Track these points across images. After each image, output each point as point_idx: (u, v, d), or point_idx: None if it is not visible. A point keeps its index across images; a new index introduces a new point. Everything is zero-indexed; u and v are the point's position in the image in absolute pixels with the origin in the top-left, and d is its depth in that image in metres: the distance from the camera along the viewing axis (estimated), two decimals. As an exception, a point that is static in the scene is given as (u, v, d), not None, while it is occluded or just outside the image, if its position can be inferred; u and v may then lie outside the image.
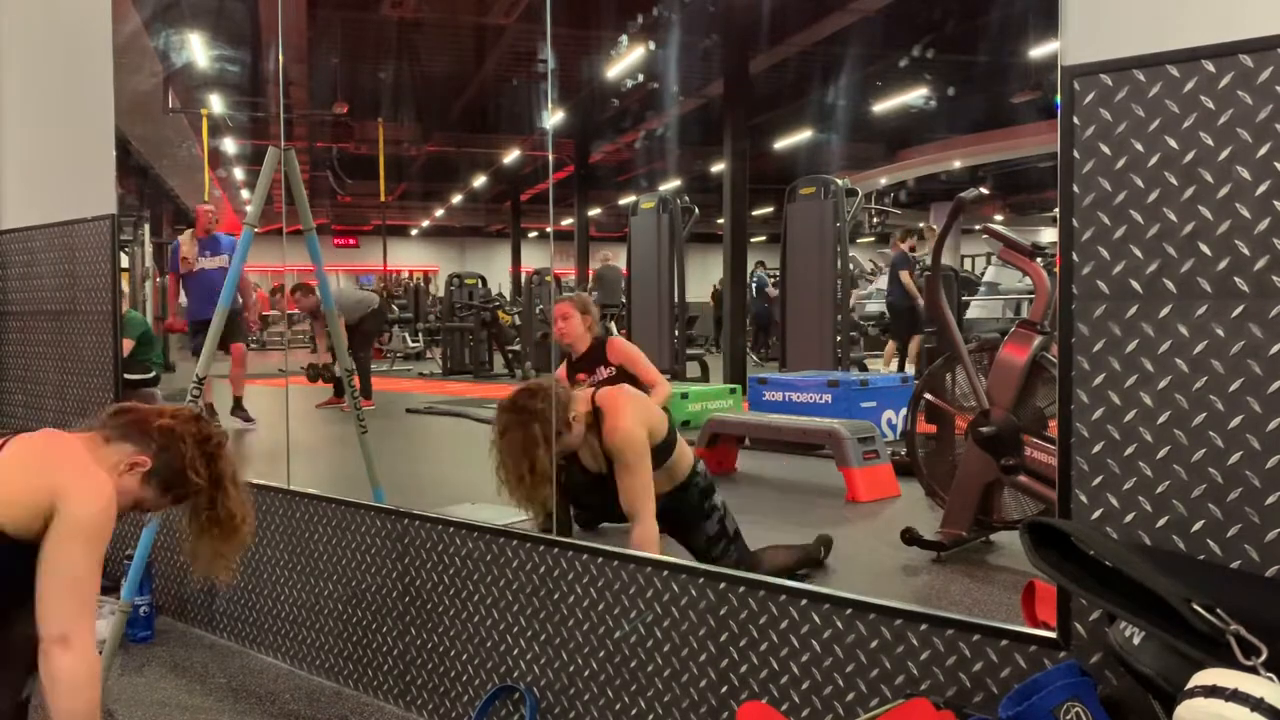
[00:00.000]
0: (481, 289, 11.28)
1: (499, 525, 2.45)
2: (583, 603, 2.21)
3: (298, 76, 10.13)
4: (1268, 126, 1.35)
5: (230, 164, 11.51)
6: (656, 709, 2.08)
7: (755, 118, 11.25)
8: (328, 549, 2.81)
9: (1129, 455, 1.47)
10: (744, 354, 9.39)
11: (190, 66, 7.86)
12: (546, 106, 12.55)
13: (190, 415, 1.96)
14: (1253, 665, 1.07)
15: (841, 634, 1.79)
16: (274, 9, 3.10)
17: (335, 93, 12.12)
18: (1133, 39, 1.47)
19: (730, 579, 1.98)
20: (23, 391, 4.06)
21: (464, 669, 2.47)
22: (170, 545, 3.35)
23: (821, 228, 7.84)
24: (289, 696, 2.70)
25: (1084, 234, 1.51)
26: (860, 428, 4.50)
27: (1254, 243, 1.37)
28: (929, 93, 11.07)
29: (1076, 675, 1.33)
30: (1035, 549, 1.30)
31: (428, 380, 10.46)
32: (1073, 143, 1.52)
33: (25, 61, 4.09)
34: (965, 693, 1.64)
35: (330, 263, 3.19)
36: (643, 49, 10.52)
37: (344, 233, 18.14)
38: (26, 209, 4.04)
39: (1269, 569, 1.35)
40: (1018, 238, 3.68)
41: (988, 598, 3.03)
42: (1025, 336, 3.41)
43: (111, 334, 3.59)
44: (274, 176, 2.80)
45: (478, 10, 10.23)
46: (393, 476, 3.19)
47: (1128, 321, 1.47)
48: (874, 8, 9.55)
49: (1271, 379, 1.35)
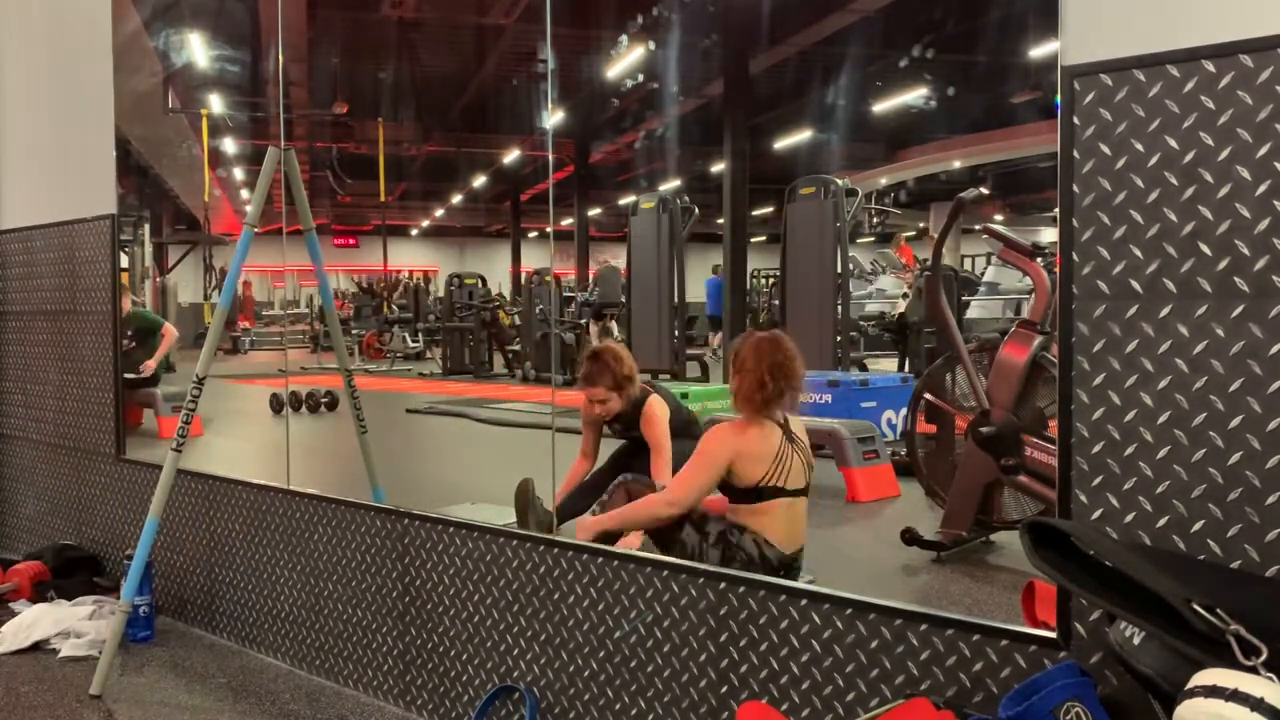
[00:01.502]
0: (481, 289, 11.29)
1: (499, 525, 2.45)
2: (583, 603, 2.21)
3: (298, 76, 10.14)
4: (1268, 126, 1.35)
5: (230, 164, 11.53)
6: (656, 709, 2.08)
7: (755, 118, 11.26)
8: (328, 549, 2.81)
9: (1129, 455, 1.47)
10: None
11: (190, 66, 7.87)
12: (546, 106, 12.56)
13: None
14: (1253, 665, 1.07)
15: (841, 634, 1.79)
16: (274, 9, 3.10)
17: (335, 93, 12.13)
18: (1133, 39, 1.47)
19: (730, 579, 1.98)
20: (22, 392, 4.06)
21: (464, 669, 2.47)
22: (170, 545, 3.35)
23: (821, 228, 7.84)
24: (289, 696, 2.70)
25: (1084, 234, 1.51)
26: (860, 428, 4.50)
27: (1254, 243, 1.37)
28: (929, 93, 11.08)
29: (1076, 675, 1.33)
30: (1035, 549, 1.30)
31: (428, 380, 10.46)
32: (1073, 143, 1.52)
33: (25, 62, 4.09)
34: (965, 693, 1.64)
35: (330, 262, 3.19)
36: (643, 49, 10.52)
37: (344, 233, 18.14)
38: (26, 209, 4.04)
39: (1269, 569, 1.35)
40: (1018, 238, 3.67)
41: (988, 598, 3.03)
42: (1025, 336, 3.41)
43: (111, 334, 3.59)
44: (274, 176, 2.80)
45: (478, 10, 10.24)
46: (393, 476, 3.19)
47: (1128, 321, 1.47)
48: (874, 8, 9.56)
49: (1271, 379, 1.35)
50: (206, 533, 3.21)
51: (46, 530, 3.95)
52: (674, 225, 8.86)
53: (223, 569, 3.15)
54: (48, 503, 3.95)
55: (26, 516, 4.08)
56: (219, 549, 3.17)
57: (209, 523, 3.19)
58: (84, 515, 3.75)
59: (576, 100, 12.28)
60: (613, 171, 15.57)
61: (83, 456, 3.73)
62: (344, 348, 3.23)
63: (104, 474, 3.64)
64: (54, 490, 3.91)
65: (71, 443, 3.79)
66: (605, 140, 14.65)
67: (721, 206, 9.34)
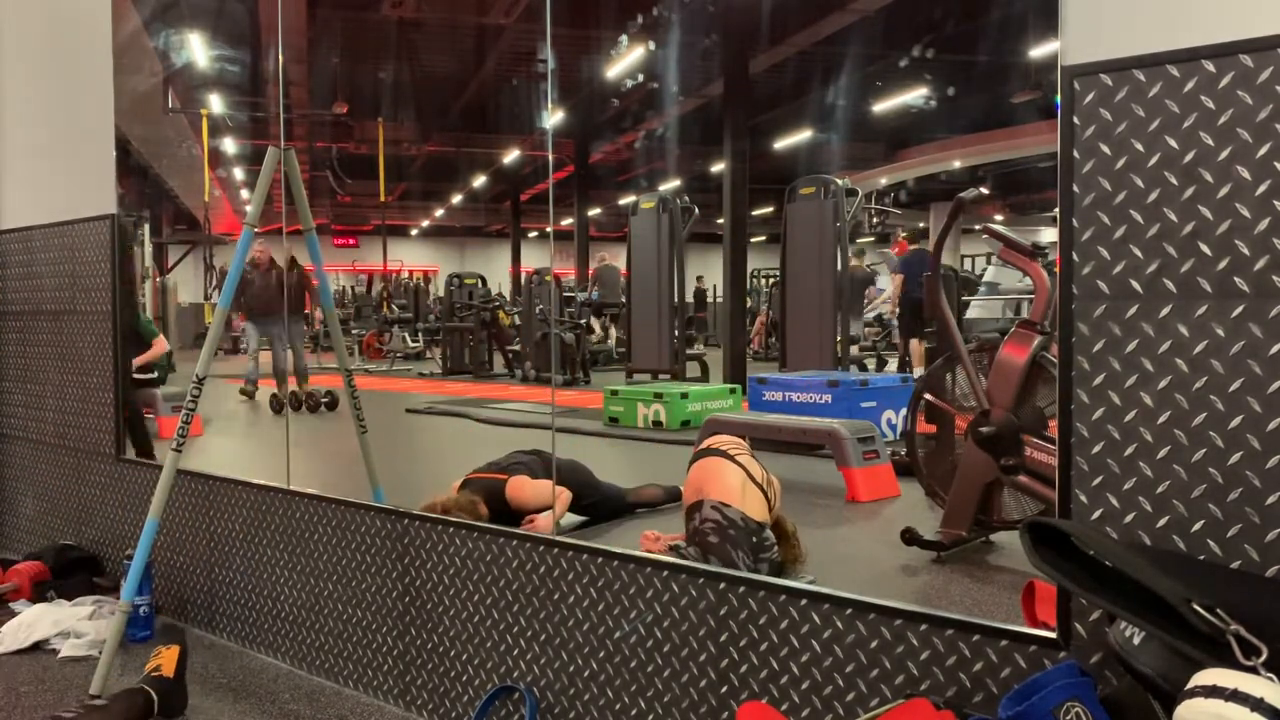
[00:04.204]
0: (481, 289, 11.28)
1: (499, 525, 2.45)
2: (583, 603, 2.21)
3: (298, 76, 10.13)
4: (1268, 126, 1.35)
5: (230, 164, 11.52)
6: (656, 709, 2.08)
7: (755, 118, 11.26)
8: (328, 549, 2.81)
9: (1129, 455, 1.47)
10: (744, 354, 9.40)
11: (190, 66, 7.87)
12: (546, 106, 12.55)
13: None
14: (1253, 665, 1.07)
15: (841, 634, 1.79)
16: (274, 9, 3.10)
17: (335, 93, 12.13)
18: (1133, 39, 1.47)
19: (730, 579, 1.98)
20: (22, 392, 4.06)
21: (464, 669, 2.47)
22: (170, 545, 3.35)
23: (821, 228, 7.84)
24: (289, 696, 2.70)
25: (1084, 234, 1.51)
26: (860, 428, 4.50)
27: (1254, 243, 1.37)
28: (929, 93, 11.08)
29: (1076, 675, 1.33)
30: (1035, 549, 1.30)
31: (428, 380, 10.46)
32: (1073, 143, 1.52)
33: (25, 61, 4.09)
34: (965, 693, 1.64)
35: (330, 262, 3.19)
36: (643, 49, 10.53)
37: (344, 233, 18.14)
38: (26, 209, 4.04)
39: (1269, 569, 1.35)
40: (1018, 238, 3.67)
41: (988, 598, 3.03)
42: (1025, 336, 3.41)
43: (111, 334, 3.59)
44: (274, 176, 2.80)
45: (478, 10, 10.24)
46: (393, 476, 3.19)
47: (1128, 321, 1.47)
48: (874, 8, 9.56)
49: (1271, 379, 1.35)
50: (206, 533, 3.21)
51: (46, 530, 3.95)
52: (674, 225, 8.86)
53: (223, 569, 3.15)
54: (48, 503, 3.95)
55: (26, 516, 4.08)
56: (219, 549, 3.17)
57: (209, 523, 3.20)
58: (84, 515, 3.75)
59: (576, 100, 12.28)
60: (613, 171, 15.58)
61: (83, 456, 3.73)
62: (344, 348, 3.23)
63: (104, 474, 3.64)
64: (54, 490, 3.91)
65: (71, 443, 3.79)
66: (605, 140, 14.65)
67: (721, 206, 9.34)
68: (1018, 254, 3.61)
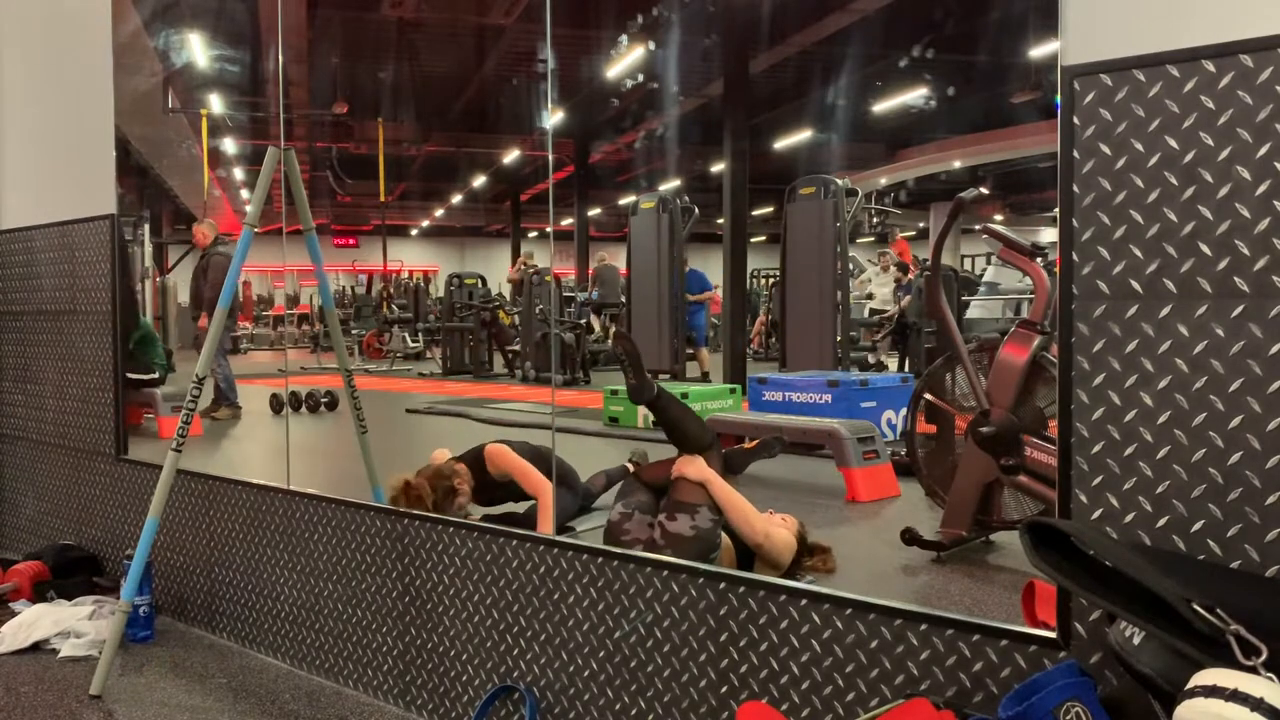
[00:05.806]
0: (481, 289, 11.28)
1: (499, 525, 2.45)
2: (583, 603, 2.21)
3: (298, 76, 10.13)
4: (1268, 126, 1.35)
5: (230, 164, 11.52)
6: (656, 709, 2.08)
7: (755, 118, 11.26)
8: (328, 549, 2.81)
9: (1129, 455, 1.47)
10: (744, 354, 9.40)
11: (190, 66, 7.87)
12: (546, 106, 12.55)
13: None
14: (1253, 665, 1.07)
15: (841, 634, 1.79)
16: (274, 9, 3.10)
17: (335, 93, 12.13)
18: (1133, 39, 1.47)
19: (730, 579, 1.98)
20: (22, 392, 4.06)
21: (464, 669, 2.47)
22: (170, 545, 3.35)
23: (821, 228, 7.84)
24: (289, 696, 2.70)
25: (1084, 234, 1.51)
26: (860, 428, 4.50)
27: (1254, 243, 1.37)
28: (929, 93, 11.08)
29: (1076, 675, 1.33)
30: (1035, 549, 1.30)
31: (428, 380, 10.46)
32: (1073, 143, 1.52)
33: (25, 62, 4.09)
34: (965, 693, 1.64)
35: (330, 262, 3.20)
36: (643, 49, 10.53)
37: (344, 233, 18.13)
38: (26, 209, 4.05)
39: (1269, 569, 1.35)
40: (1018, 238, 3.67)
41: (988, 598, 3.03)
42: (1025, 336, 3.41)
43: (111, 334, 3.59)
44: (274, 176, 2.80)
45: (478, 10, 10.23)
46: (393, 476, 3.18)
47: (1128, 321, 1.47)
48: (874, 8, 9.56)
49: (1271, 379, 1.35)
50: (206, 533, 3.21)
51: (46, 530, 3.95)
52: (674, 225, 8.86)
53: (223, 569, 3.15)
54: (48, 503, 3.95)
55: (26, 516, 4.08)
56: (219, 549, 3.17)
57: (209, 523, 3.20)
58: (84, 515, 3.75)
59: (576, 100, 12.28)
60: (613, 171, 15.57)
61: (83, 456, 3.73)
62: (344, 348, 3.23)
63: (104, 474, 3.64)
64: (54, 490, 3.91)
65: (71, 443, 3.79)
66: (605, 140, 14.64)
67: (721, 206, 9.34)
68: (1017, 254, 3.61)
